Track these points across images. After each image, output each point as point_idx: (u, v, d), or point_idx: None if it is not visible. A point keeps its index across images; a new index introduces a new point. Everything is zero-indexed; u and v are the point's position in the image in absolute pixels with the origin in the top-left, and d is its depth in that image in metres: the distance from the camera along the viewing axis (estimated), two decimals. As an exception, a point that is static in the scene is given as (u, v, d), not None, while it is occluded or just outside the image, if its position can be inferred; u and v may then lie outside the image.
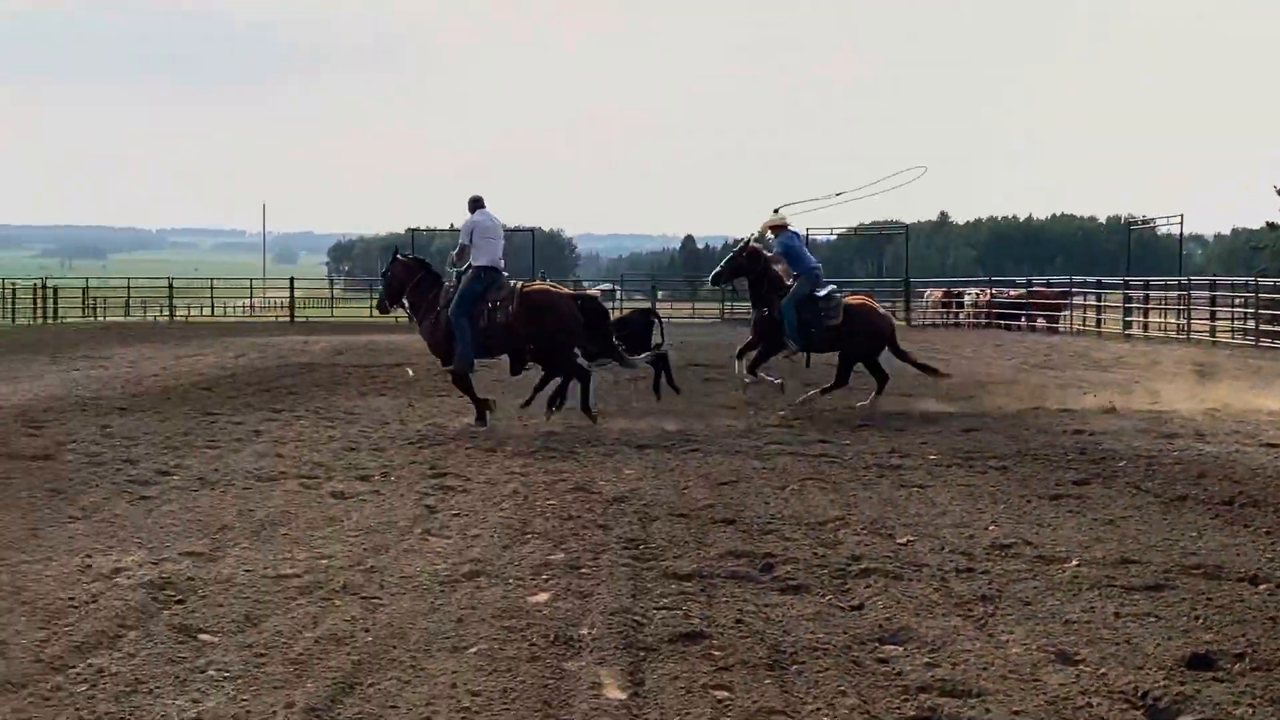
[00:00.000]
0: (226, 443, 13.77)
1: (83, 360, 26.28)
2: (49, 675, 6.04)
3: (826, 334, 17.65)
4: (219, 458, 12.70)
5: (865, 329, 17.82)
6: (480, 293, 16.03)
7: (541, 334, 16.00)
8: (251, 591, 7.59)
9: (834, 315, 17.60)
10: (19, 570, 8.04)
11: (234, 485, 11.19)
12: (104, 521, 9.61)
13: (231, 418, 15.94)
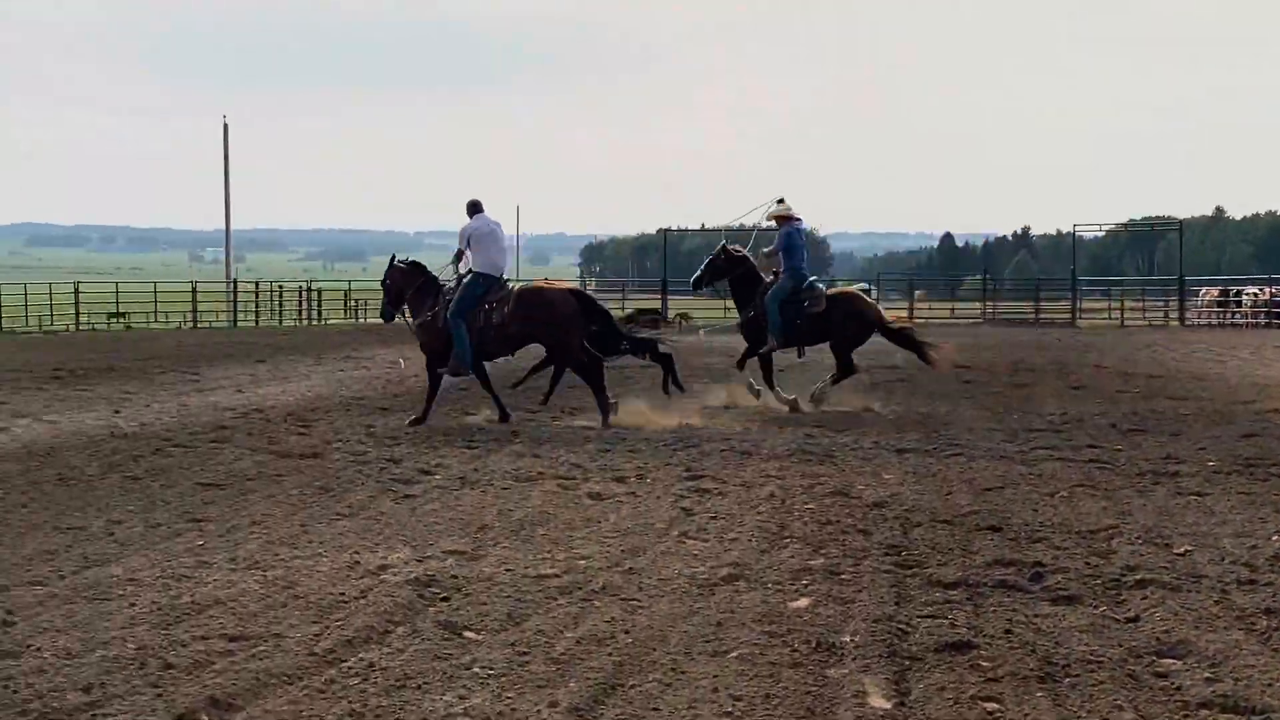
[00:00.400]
0: (485, 443, 14.12)
1: (346, 361, 27.21)
2: (323, 668, 6.31)
3: (811, 324, 17.80)
4: (478, 458, 13.05)
5: (851, 314, 18.03)
6: (479, 297, 16.37)
7: (538, 332, 16.37)
8: (513, 590, 7.79)
9: (816, 304, 17.81)
10: (291, 565, 8.41)
11: (493, 485, 11.48)
12: (370, 519, 9.98)
13: (490, 417, 16.34)
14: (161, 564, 8.45)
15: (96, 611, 7.30)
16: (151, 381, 22.01)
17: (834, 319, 17.86)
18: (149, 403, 18.37)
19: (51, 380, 22.28)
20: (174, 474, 12.04)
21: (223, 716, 5.71)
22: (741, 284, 18.45)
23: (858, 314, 18.19)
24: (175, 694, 5.92)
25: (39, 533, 9.43)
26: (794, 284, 17.94)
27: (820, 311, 17.79)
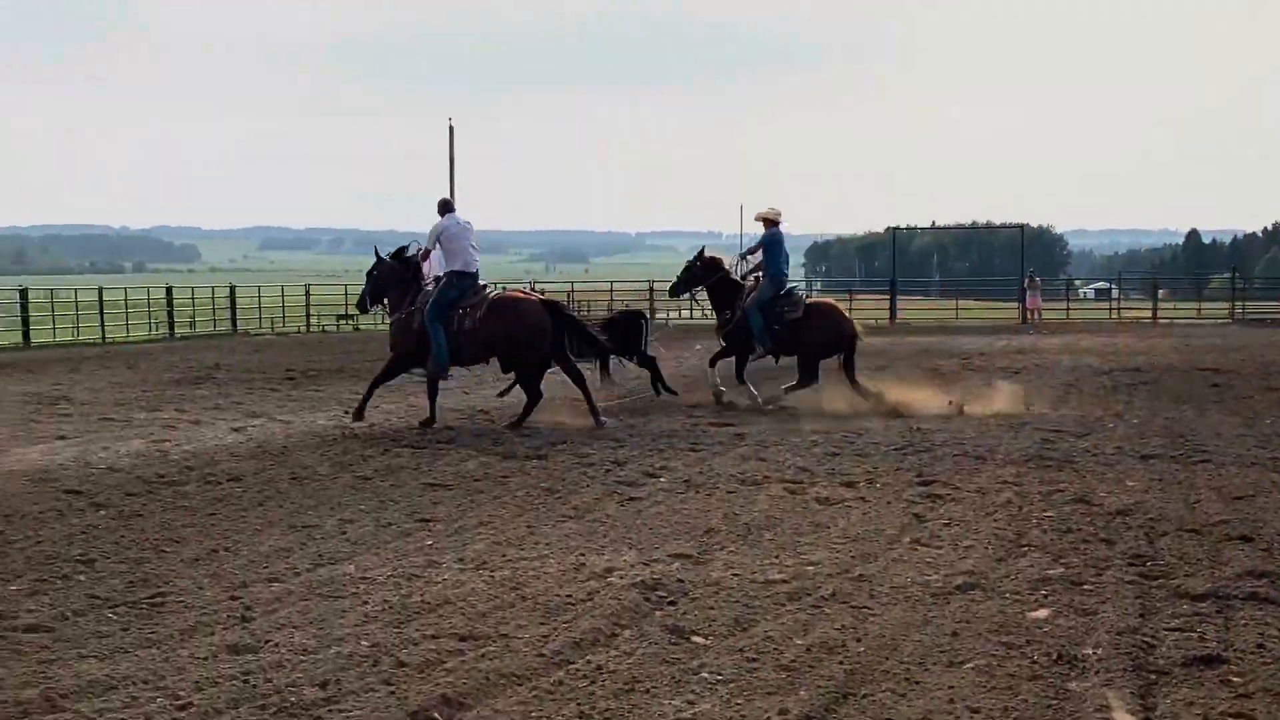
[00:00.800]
0: (709, 445, 14.15)
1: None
2: (551, 670, 6.41)
3: (787, 329, 18.08)
4: (703, 460, 13.08)
5: (825, 326, 18.22)
6: (455, 299, 16.41)
7: (505, 341, 16.33)
8: (740, 596, 7.79)
9: (794, 310, 18.14)
10: (518, 566, 8.56)
11: (719, 488, 11.49)
12: (595, 521, 10.09)
13: (714, 419, 16.37)
14: (392, 563, 8.68)
15: (331, 609, 7.53)
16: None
17: (810, 327, 18.13)
18: (377, 403, 18.83)
19: (284, 381, 23.06)
20: (402, 474, 12.35)
21: (454, 715, 5.83)
22: (719, 290, 18.72)
23: (834, 325, 18.37)
24: (408, 691, 6.07)
25: (274, 530, 9.77)
26: (774, 290, 18.22)
27: (798, 318, 18.09)
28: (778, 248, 18.51)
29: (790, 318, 18.11)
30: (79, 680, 6.21)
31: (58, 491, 11.34)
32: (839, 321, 18.58)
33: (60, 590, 7.97)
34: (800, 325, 18.13)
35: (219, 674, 6.31)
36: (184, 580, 8.22)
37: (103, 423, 16.58)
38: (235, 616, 7.36)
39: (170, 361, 28.38)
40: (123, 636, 6.99)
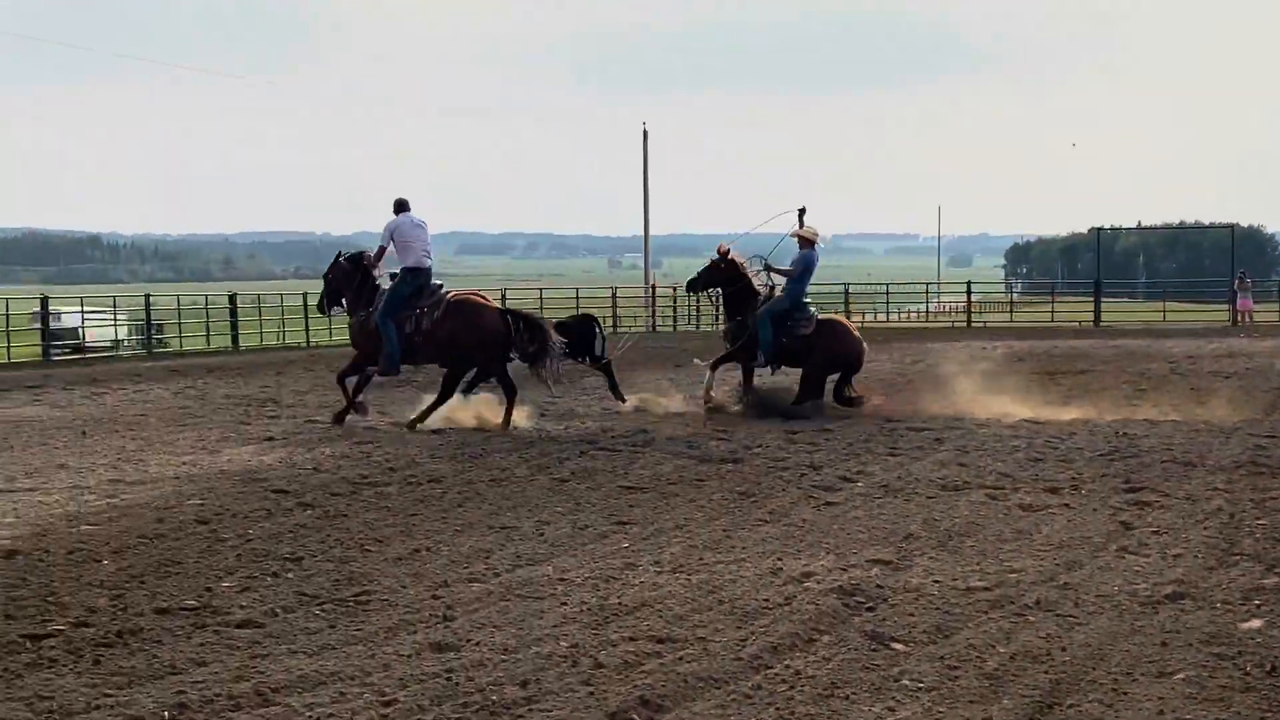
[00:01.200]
0: (908, 450, 14.06)
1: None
2: (749, 674, 6.45)
3: (796, 343, 18.01)
4: (901, 465, 13.00)
5: (834, 345, 18.11)
6: (407, 296, 16.53)
7: (461, 343, 16.48)
8: (941, 602, 7.75)
9: (806, 325, 18.06)
10: (715, 571, 8.61)
11: (918, 494, 11.42)
12: (792, 525, 10.10)
13: (911, 424, 16.25)
14: (590, 565, 8.80)
15: (530, 609, 7.67)
16: (576, 385, 22.82)
17: (816, 344, 18.01)
18: (573, 406, 19.08)
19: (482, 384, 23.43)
20: (599, 476, 12.49)
21: (652, 717, 5.91)
22: (736, 296, 18.55)
23: (841, 343, 18.28)
24: (607, 692, 6.17)
25: (474, 531, 9.96)
26: (790, 305, 18.16)
27: (807, 334, 18.02)
28: (811, 270, 18.52)
29: (802, 332, 18.05)
30: (289, 675, 6.43)
31: (266, 491, 11.71)
32: (849, 340, 18.48)
33: (270, 587, 8.25)
34: (810, 341, 18.05)
35: (423, 672, 6.48)
36: (388, 579, 8.44)
37: (308, 424, 17.06)
38: (437, 615, 7.55)
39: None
40: (330, 633, 7.22)
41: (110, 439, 15.62)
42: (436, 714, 5.92)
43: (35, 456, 14.09)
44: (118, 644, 6.99)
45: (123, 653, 6.85)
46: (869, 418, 17.03)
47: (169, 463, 13.57)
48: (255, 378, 25.16)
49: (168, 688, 6.25)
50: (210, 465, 13.40)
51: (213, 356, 33.83)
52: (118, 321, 38.11)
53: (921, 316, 65.92)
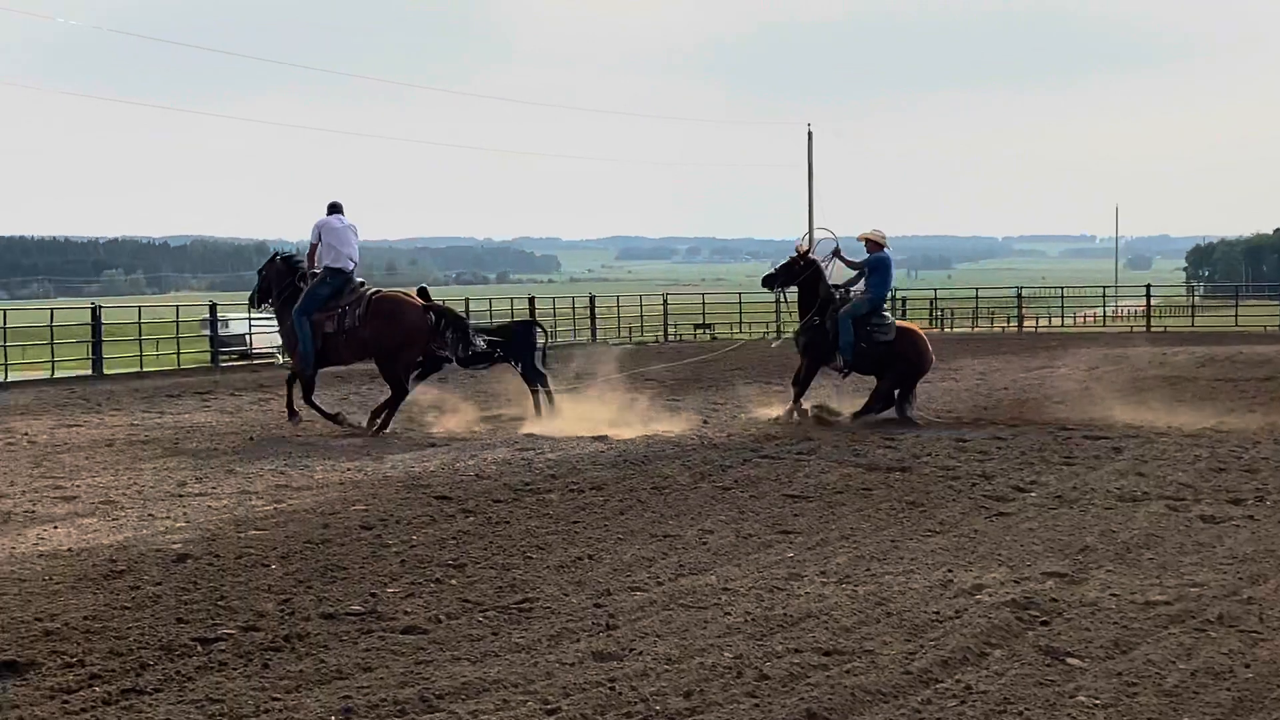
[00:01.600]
0: (1083, 459, 13.82)
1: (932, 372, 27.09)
2: (918, 688, 6.39)
3: (875, 350, 17.86)
4: (1076, 475, 12.79)
5: (913, 354, 18.02)
6: (327, 296, 16.73)
7: (384, 341, 16.71)
8: (1118, 617, 7.61)
9: (886, 333, 17.93)
10: (882, 582, 8.55)
11: (1094, 504, 11.23)
12: (963, 536, 9.99)
13: (1087, 432, 15.97)
14: (754, 574, 8.79)
15: (693, 619, 7.68)
16: (737, 392, 22.84)
17: (897, 352, 17.90)
18: (735, 414, 19.08)
19: (644, 389, 23.53)
20: (762, 485, 12.47)
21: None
22: (811, 293, 18.43)
23: (919, 353, 18.16)
24: (771, 704, 6.15)
25: (636, 540, 10.00)
26: (871, 308, 18.05)
27: (888, 341, 17.88)
28: (884, 271, 18.33)
29: (881, 339, 17.88)
30: (453, 681, 6.52)
31: (429, 497, 11.90)
32: (925, 351, 18.32)
33: (433, 593, 8.36)
34: (892, 350, 17.89)
35: (586, 680, 6.53)
36: (550, 586, 8.51)
37: (470, 430, 17.27)
38: (600, 624, 7.59)
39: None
40: (493, 640, 7.29)
41: (276, 444, 15.98)
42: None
43: (205, 461, 14.46)
44: (285, 648, 7.14)
45: (290, 657, 6.99)
46: (1043, 425, 16.77)
47: (334, 468, 13.85)
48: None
49: (334, 692, 6.37)
50: (374, 471, 13.64)
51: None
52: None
53: (1098, 321, 64.77)
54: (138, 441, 16.44)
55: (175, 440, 16.53)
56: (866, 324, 17.93)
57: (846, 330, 17.86)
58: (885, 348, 17.88)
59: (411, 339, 17.21)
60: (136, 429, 17.95)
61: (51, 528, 10.63)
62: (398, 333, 17.11)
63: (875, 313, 18.13)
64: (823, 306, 18.22)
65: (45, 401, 22.78)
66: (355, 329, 17.08)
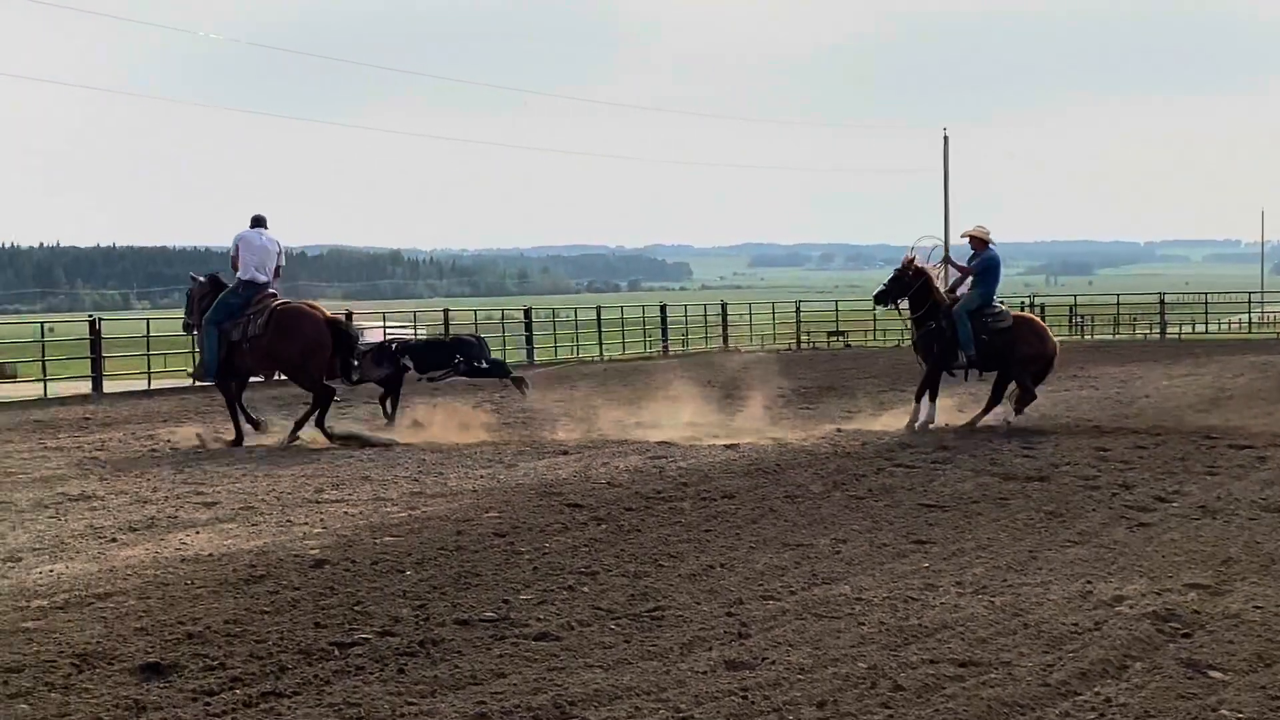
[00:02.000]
0: (1227, 469, 13.58)
1: (1072, 380, 26.79)
2: (1056, 701, 6.34)
3: (995, 340, 17.84)
4: (1220, 485, 12.57)
5: (1034, 342, 18.11)
6: (237, 306, 16.82)
7: (283, 353, 16.76)
8: (1263, 630, 7.49)
9: (1003, 319, 17.98)
10: (1020, 593, 8.47)
11: (1238, 515, 11.03)
12: (1103, 547, 9.87)
13: (1232, 441, 15.68)
14: (888, 584, 8.75)
15: (826, 629, 7.68)
16: (872, 400, 22.74)
17: (1016, 339, 17.94)
18: (871, 422, 18.98)
19: (776, 398, 23.50)
20: (897, 494, 12.40)
21: (951, 742, 5.87)
22: (924, 301, 18.29)
23: (1039, 339, 18.29)
24: (906, 715, 6.15)
25: (768, 549, 10.00)
26: (982, 301, 18.08)
27: (1005, 328, 17.95)
28: (995, 271, 18.28)
29: (998, 326, 17.89)
30: (585, 689, 6.58)
31: (561, 505, 11.98)
32: (1045, 338, 18.36)
33: (566, 600, 8.43)
34: (1008, 336, 17.88)
35: (718, 689, 6.56)
36: (682, 595, 8.54)
37: (605, 440, 17.36)
38: (732, 633, 7.61)
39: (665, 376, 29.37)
40: (625, 648, 7.35)
41: (411, 452, 16.19)
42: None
43: (341, 469, 14.69)
44: (420, 653, 7.25)
45: (425, 662, 7.10)
46: (1185, 434, 16.49)
47: (467, 475, 14.01)
48: (550, 390, 25.70)
49: (469, 698, 6.47)
50: (506, 478, 13.78)
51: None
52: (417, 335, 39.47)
53: (1243, 327, 63.44)
54: (276, 449, 16.76)
55: (313, 448, 16.81)
56: (982, 316, 17.91)
57: (964, 325, 17.83)
58: (1005, 335, 17.86)
59: (310, 349, 17.27)
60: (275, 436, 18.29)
61: (193, 533, 10.88)
62: (296, 344, 17.26)
63: (987, 305, 18.08)
64: (934, 311, 18.16)
65: (187, 408, 23.32)
66: (257, 338, 17.24)
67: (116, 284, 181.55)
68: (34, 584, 9.01)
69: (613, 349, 41.82)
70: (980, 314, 17.92)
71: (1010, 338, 17.87)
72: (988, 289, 18.22)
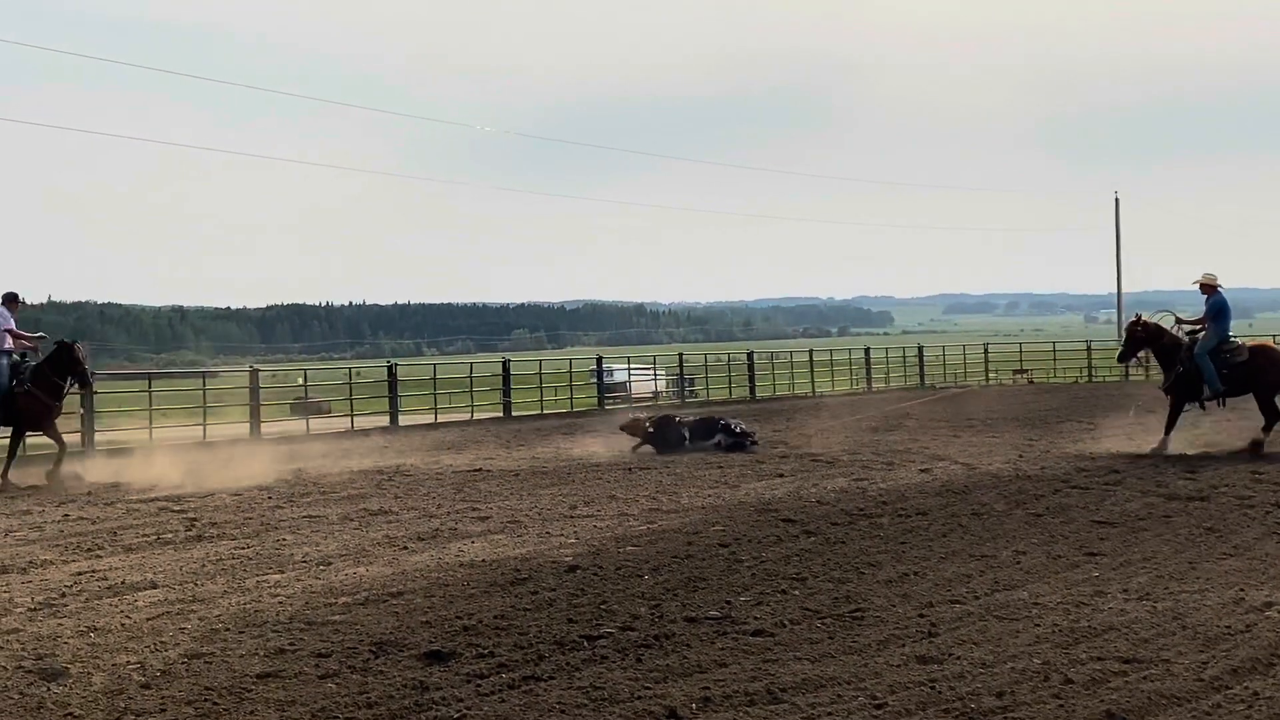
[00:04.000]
0: (1376, 490, 12.93)
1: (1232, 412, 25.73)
2: (1209, 694, 6.16)
3: (1235, 372, 17.15)
4: (1368, 505, 11.98)
5: (1274, 363, 17.22)
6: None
7: None
8: (1404, 635, 7.13)
9: (1240, 354, 17.28)
10: (1179, 599, 8.21)
11: (1384, 532, 10.52)
12: (1256, 559, 9.51)
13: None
14: (1062, 591, 8.57)
15: (1006, 629, 7.55)
16: (1051, 429, 22.21)
17: (1258, 366, 17.18)
18: (1048, 449, 18.56)
19: (965, 428, 23.14)
20: (1071, 512, 12.10)
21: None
22: (1164, 352, 17.90)
23: (1275, 363, 17.28)
24: (1075, 705, 6.02)
25: (956, 559, 9.87)
26: (1218, 340, 17.43)
27: (1244, 361, 17.23)
28: (1225, 312, 17.60)
29: (1237, 360, 17.20)
30: (794, 677, 6.59)
31: (776, 520, 11.99)
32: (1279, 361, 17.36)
33: (778, 602, 8.45)
34: (1248, 367, 17.15)
35: (909, 680, 6.51)
36: (879, 598, 8.49)
37: (815, 464, 17.30)
38: (922, 631, 7.54)
39: (868, 413, 29.18)
40: (829, 643, 7.33)
41: (650, 474, 16.36)
42: (921, 717, 5.94)
43: (591, 489, 14.94)
44: (655, 645, 7.34)
45: (659, 653, 7.18)
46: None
47: (697, 495, 14.11)
48: (769, 422, 25.70)
49: (695, 684, 6.53)
50: (730, 497, 13.84)
51: (733, 405, 34.77)
52: (657, 376, 39.84)
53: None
54: (538, 472, 17.09)
55: (569, 471, 17.10)
56: (1220, 354, 17.38)
57: (1206, 365, 17.34)
58: (1243, 367, 17.27)
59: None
60: (537, 461, 18.67)
61: (469, 542, 11.18)
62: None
63: (1223, 343, 17.54)
64: (1173, 354, 17.73)
65: (466, 439, 23.92)
66: None
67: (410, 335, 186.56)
68: (340, 583, 9.38)
69: (824, 386, 41.53)
70: (1218, 351, 17.42)
71: (1250, 366, 17.31)
72: (1220, 327, 17.67)
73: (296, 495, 14.89)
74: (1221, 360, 17.31)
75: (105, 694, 6.56)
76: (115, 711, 6.26)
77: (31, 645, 7.60)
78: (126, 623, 8.16)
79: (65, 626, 8.09)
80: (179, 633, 7.85)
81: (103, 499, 15.03)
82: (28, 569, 10.27)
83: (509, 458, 19.49)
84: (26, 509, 14.14)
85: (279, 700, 6.41)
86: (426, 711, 6.19)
